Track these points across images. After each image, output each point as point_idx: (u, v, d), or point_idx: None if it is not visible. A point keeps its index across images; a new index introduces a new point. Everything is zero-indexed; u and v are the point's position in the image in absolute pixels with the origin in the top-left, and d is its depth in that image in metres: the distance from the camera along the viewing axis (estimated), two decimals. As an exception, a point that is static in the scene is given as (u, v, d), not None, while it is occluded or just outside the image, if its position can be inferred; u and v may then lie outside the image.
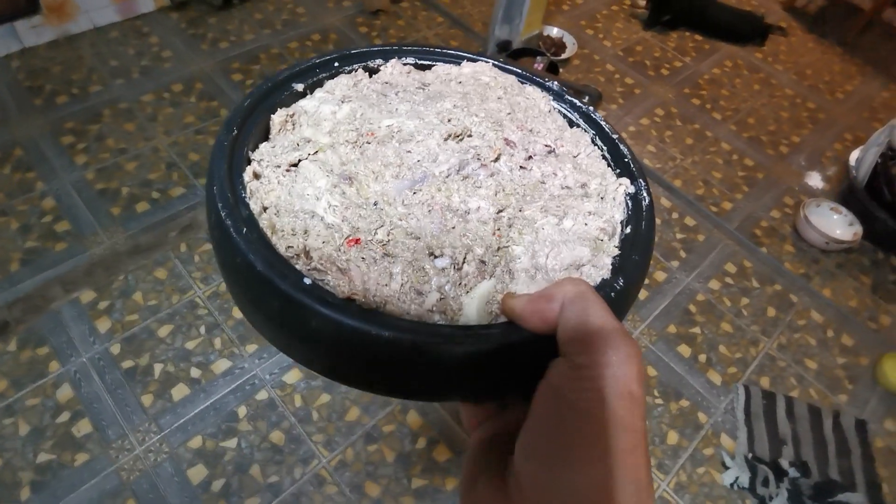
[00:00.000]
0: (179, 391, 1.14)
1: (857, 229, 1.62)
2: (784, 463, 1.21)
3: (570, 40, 2.01)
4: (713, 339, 1.41)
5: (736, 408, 1.30)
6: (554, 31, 2.03)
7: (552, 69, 1.81)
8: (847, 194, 1.74)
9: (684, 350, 1.37)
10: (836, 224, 1.65)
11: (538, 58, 1.80)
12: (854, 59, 2.40)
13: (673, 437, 1.24)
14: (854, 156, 1.77)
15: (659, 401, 1.29)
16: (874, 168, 1.65)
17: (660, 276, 1.51)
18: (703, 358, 1.37)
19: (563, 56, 1.96)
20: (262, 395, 1.15)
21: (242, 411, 1.13)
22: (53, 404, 1.09)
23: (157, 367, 1.16)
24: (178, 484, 1.03)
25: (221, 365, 1.18)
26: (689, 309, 1.45)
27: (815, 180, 1.86)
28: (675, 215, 1.65)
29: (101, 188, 1.41)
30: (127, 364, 1.15)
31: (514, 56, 1.78)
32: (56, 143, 1.49)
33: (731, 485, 1.18)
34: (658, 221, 1.62)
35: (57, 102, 1.58)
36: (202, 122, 1.60)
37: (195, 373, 1.16)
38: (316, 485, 1.07)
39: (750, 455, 1.22)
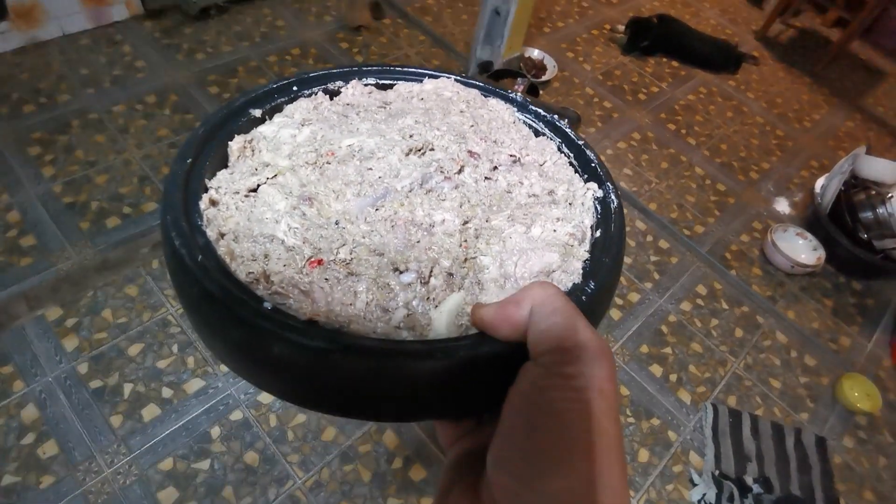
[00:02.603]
0: (150, 411, 1.11)
1: (821, 254, 1.68)
2: (748, 479, 1.25)
3: (550, 62, 2.05)
4: (684, 359, 1.45)
5: (704, 426, 1.33)
6: (535, 53, 2.07)
7: (532, 91, 1.84)
8: (812, 220, 1.81)
9: (656, 370, 1.41)
10: (801, 249, 1.71)
11: (519, 79, 1.83)
12: (822, 89, 2.51)
13: (644, 455, 1.27)
14: (819, 183, 1.85)
15: (631, 419, 1.31)
16: (837, 196, 1.72)
17: (633, 297, 1.54)
18: (673, 377, 1.40)
19: (544, 78, 2.00)
20: (236, 415, 1.14)
21: (216, 432, 1.11)
22: (18, 425, 1.06)
23: (127, 387, 1.13)
24: (147, 508, 1.01)
25: (194, 384, 1.16)
26: (661, 329, 1.49)
27: (782, 206, 1.93)
28: (649, 238, 1.70)
29: (70, 202, 1.38)
30: (95, 383, 1.12)
31: (495, 77, 1.81)
32: (22, 153, 1.44)
33: (699, 501, 1.21)
34: (633, 244, 1.66)
35: (24, 111, 1.53)
36: (176, 135, 1.57)
37: (167, 392, 1.14)
38: (290, 508, 1.05)
39: (716, 472, 1.25)
